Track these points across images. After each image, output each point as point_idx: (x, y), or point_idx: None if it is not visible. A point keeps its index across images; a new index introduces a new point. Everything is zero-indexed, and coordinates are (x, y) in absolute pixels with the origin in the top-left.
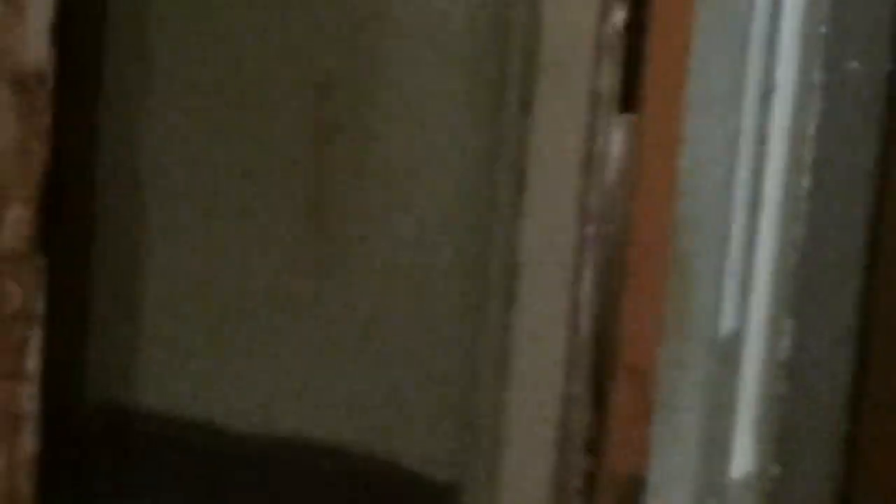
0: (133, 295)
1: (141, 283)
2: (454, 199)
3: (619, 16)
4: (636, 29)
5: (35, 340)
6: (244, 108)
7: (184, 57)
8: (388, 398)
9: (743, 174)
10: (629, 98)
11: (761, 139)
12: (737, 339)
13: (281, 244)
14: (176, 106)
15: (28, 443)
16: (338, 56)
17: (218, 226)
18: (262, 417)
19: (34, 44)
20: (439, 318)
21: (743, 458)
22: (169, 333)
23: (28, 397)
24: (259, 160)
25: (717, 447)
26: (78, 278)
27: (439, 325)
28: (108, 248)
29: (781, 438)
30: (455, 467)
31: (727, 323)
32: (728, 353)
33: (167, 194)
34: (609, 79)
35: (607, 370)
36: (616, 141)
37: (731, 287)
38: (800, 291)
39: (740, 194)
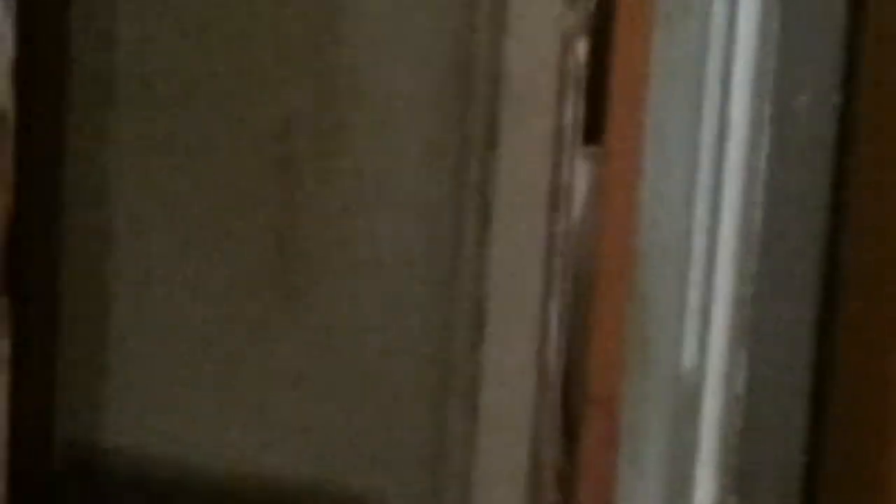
0: (101, 332)
1: (108, 321)
2: (419, 234)
3: (581, 48)
4: (599, 61)
5: (1, 384)
6: (211, 146)
7: (149, 99)
8: (357, 437)
9: (700, 208)
10: (593, 130)
11: (717, 173)
12: (696, 372)
13: (249, 280)
14: (142, 145)
15: None
16: (303, 92)
17: (186, 263)
18: (235, 455)
19: None
20: (406, 355)
21: (704, 491)
22: (139, 370)
23: None
24: (226, 195)
25: (679, 480)
26: (45, 319)
27: (406, 362)
28: (75, 285)
29: (740, 471)
30: None
31: (687, 356)
32: (688, 387)
33: (134, 234)
34: (573, 111)
35: (576, 404)
36: (581, 174)
37: (690, 320)
38: (755, 325)
39: (699, 227)
